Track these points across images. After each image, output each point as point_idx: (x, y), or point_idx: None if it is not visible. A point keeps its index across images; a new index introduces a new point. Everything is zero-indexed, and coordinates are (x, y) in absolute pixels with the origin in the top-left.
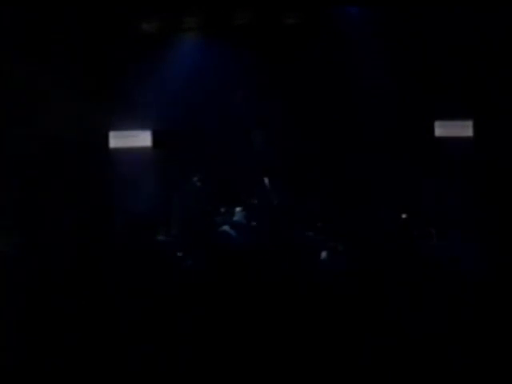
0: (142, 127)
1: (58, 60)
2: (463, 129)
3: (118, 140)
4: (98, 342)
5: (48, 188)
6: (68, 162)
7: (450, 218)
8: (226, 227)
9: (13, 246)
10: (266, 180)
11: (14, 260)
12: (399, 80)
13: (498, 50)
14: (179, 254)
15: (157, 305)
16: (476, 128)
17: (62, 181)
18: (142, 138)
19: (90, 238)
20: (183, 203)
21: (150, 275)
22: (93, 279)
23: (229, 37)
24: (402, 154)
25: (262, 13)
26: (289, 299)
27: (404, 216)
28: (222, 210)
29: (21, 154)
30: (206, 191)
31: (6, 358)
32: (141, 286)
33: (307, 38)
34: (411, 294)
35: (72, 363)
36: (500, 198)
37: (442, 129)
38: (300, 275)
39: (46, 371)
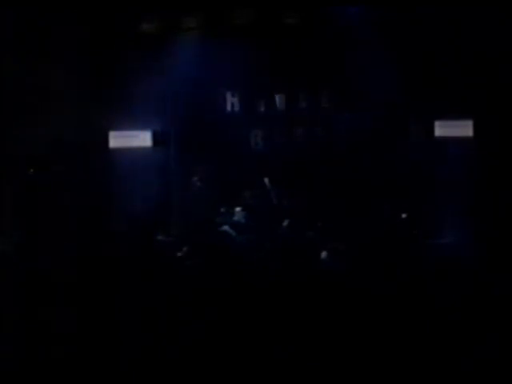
0: (142, 127)
1: (58, 60)
2: (463, 129)
3: (118, 140)
4: (97, 343)
5: (48, 188)
6: (68, 162)
7: (450, 218)
8: (226, 227)
9: (13, 246)
10: (266, 180)
11: (14, 260)
12: (399, 80)
13: (498, 49)
14: (179, 254)
15: (157, 305)
16: (476, 128)
17: (62, 181)
18: (142, 138)
19: (90, 238)
20: (183, 203)
21: (150, 275)
22: (93, 279)
23: (229, 37)
24: (401, 154)
25: (262, 12)
26: (289, 299)
27: (404, 216)
28: (222, 210)
29: (21, 154)
30: (206, 191)
31: (6, 358)
32: (141, 286)
33: (307, 37)
34: (411, 293)
35: (71, 363)
36: (500, 198)
37: (442, 129)
38: (300, 275)
39: (46, 371)
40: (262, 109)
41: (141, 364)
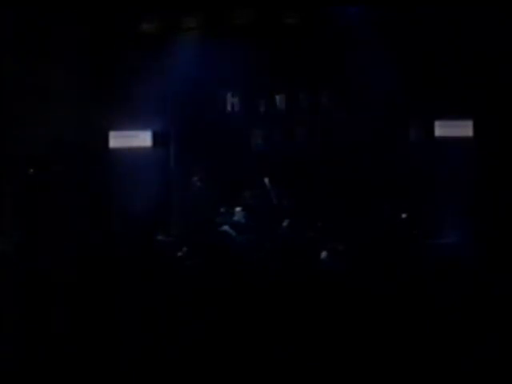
0: (142, 127)
1: (58, 60)
2: (463, 129)
3: (118, 140)
4: (98, 342)
5: (48, 188)
6: (68, 162)
7: (450, 218)
8: (226, 227)
9: (13, 245)
10: (266, 180)
11: (14, 260)
12: (399, 80)
13: (498, 49)
14: (179, 253)
15: (157, 305)
16: (476, 128)
17: (62, 181)
18: (142, 138)
19: (90, 238)
20: (183, 203)
21: (150, 275)
22: (93, 279)
23: (229, 37)
24: (401, 154)
25: (262, 12)
26: (289, 299)
27: (404, 216)
28: (222, 210)
29: (21, 154)
30: (206, 191)
31: (6, 358)
32: (141, 286)
33: (307, 37)
34: (411, 293)
35: (72, 363)
36: (500, 198)
37: (442, 129)
38: (300, 275)
39: (46, 371)
40: (262, 109)
41: (141, 364)
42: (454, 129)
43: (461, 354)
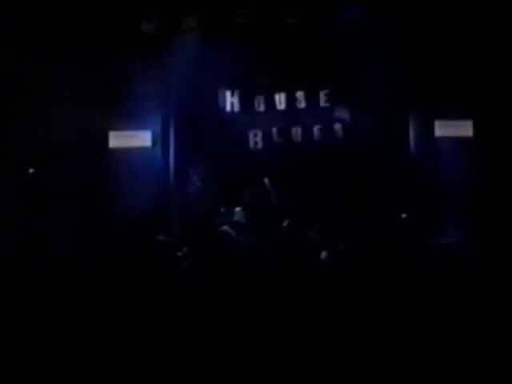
0: (142, 127)
1: (58, 60)
2: (463, 129)
3: (118, 140)
4: (97, 342)
5: (48, 188)
6: (68, 162)
7: (450, 218)
8: (226, 227)
9: (13, 245)
10: (266, 180)
11: (14, 260)
12: (399, 80)
13: (498, 49)
14: (179, 253)
15: (157, 305)
16: (476, 128)
17: (62, 180)
18: (142, 138)
19: (90, 238)
20: (183, 203)
21: (150, 275)
22: (93, 279)
23: (229, 37)
24: (401, 154)
25: (262, 12)
26: (289, 299)
27: (404, 216)
28: (222, 210)
29: (21, 153)
30: (206, 191)
31: (6, 358)
32: (141, 286)
33: (307, 37)
34: (411, 293)
35: (71, 363)
36: (500, 198)
37: (442, 129)
38: (300, 275)
39: (46, 371)
40: (262, 109)
41: (141, 364)
42: (453, 129)
43: (461, 353)
